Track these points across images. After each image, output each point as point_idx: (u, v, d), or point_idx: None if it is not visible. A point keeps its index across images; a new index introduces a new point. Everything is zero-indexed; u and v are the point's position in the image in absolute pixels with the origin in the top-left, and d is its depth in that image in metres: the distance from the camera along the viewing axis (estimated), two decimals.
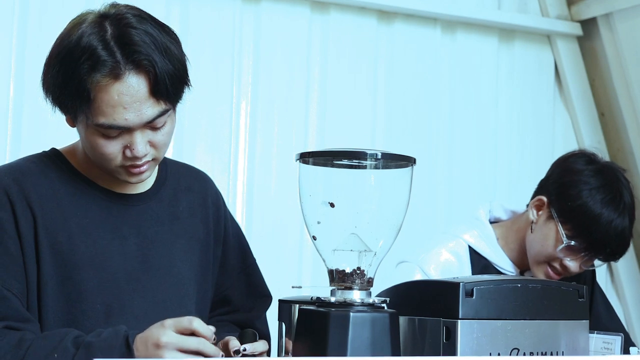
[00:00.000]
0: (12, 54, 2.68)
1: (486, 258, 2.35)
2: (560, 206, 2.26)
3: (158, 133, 1.69)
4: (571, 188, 2.24)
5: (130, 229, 1.77)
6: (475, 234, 2.37)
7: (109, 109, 1.62)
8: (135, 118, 1.64)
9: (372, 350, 1.50)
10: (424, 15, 3.25)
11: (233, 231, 1.96)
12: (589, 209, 2.20)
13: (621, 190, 2.24)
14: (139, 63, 1.62)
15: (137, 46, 1.62)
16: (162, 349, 1.50)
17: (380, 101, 3.19)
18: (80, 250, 1.70)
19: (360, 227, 1.59)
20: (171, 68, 1.65)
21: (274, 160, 3.02)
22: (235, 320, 1.94)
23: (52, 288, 1.69)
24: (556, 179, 2.31)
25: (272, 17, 3.03)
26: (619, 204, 2.22)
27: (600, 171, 2.26)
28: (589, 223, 2.21)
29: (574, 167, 2.28)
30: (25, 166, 1.76)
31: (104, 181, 1.77)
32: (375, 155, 1.58)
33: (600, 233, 2.21)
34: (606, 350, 1.89)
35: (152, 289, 1.75)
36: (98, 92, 1.62)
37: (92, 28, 1.63)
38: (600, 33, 3.43)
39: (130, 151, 1.67)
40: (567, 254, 2.26)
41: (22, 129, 2.66)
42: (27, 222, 1.69)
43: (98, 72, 1.61)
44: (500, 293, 1.63)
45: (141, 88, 1.63)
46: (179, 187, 1.88)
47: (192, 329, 1.52)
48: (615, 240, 2.23)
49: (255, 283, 1.98)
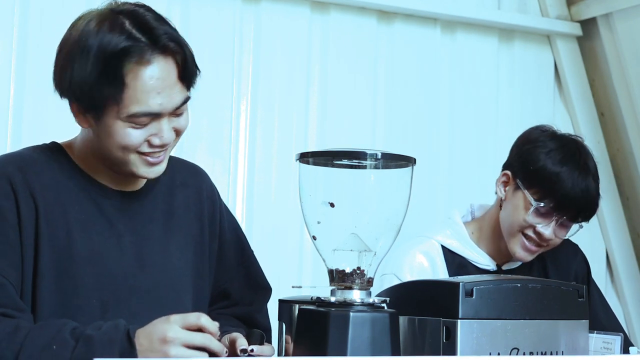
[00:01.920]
0: (12, 53, 2.68)
1: (461, 255, 2.37)
2: (524, 174, 2.32)
3: (181, 118, 1.72)
4: (530, 154, 2.31)
5: (126, 226, 1.77)
6: (448, 234, 2.40)
7: (143, 95, 1.63)
8: (168, 103, 1.66)
9: (372, 350, 1.51)
10: (423, 15, 3.25)
11: (229, 225, 1.96)
12: (549, 168, 2.27)
13: (580, 151, 2.30)
14: (166, 47, 1.65)
15: (159, 30, 1.65)
16: (168, 344, 1.49)
17: (380, 101, 3.19)
18: (77, 245, 1.70)
19: (360, 227, 1.59)
20: (191, 54, 1.69)
21: (274, 160, 3.02)
22: (235, 314, 1.93)
23: (49, 281, 1.68)
24: (516, 152, 2.39)
25: (272, 17, 3.03)
26: (577, 162, 2.27)
27: (556, 136, 2.34)
28: (552, 182, 2.26)
29: (530, 137, 2.37)
30: (28, 155, 1.76)
31: (101, 177, 1.77)
32: (375, 155, 1.58)
33: (564, 190, 2.25)
34: (606, 350, 1.89)
35: (147, 286, 1.75)
36: (132, 78, 1.62)
37: (109, 22, 1.64)
38: (600, 33, 3.43)
39: (159, 138, 1.68)
40: (538, 218, 2.29)
41: (22, 126, 2.66)
42: (29, 212, 1.69)
43: (131, 58, 1.62)
44: (500, 293, 1.63)
45: (171, 72, 1.66)
46: (173, 182, 1.88)
47: (199, 325, 1.52)
48: (581, 197, 2.26)
49: (254, 276, 1.98)
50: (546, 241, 2.32)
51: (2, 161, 1.75)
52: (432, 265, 2.34)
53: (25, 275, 1.67)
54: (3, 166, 1.72)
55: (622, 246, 3.49)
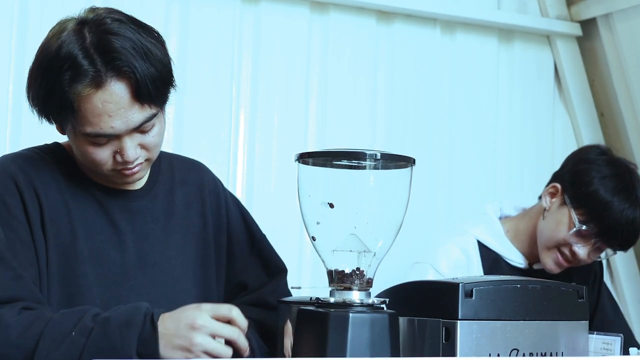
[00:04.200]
0: (11, 53, 2.68)
1: (495, 251, 2.39)
2: (574, 192, 2.32)
3: (147, 135, 1.69)
4: (584, 175, 2.31)
5: (127, 225, 1.77)
6: (483, 229, 2.43)
7: (94, 118, 1.62)
8: (122, 125, 1.63)
9: (372, 350, 1.50)
10: (423, 15, 3.25)
11: (236, 215, 1.95)
12: (601, 195, 2.27)
13: (633, 182, 2.31)
14: (119, 70, 1.61)
15: (116, 53, 1.61)
16: (195, 331, 1.48)
17: (380, 101, 3.19)
18: (80, 243, 1.71)
19: (359, 227, 1.59)
20: (153, 71, 1.64)
21: (273, 160, 3.01)
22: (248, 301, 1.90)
23: (55, 279, 1.68)
24: (570, 168, 2.39)
25: (271, 17, 3.03)
26: (630, 193, 2.28)
27: (613, 162, 2.34)
28: (600, 209, 2.27)
29: (587, 157, 2.36)
30: (30, 156, 1.77)
31: (101, 178, 1.77)
32: (375, 155, 1.58)
33: (611, 219, 2.26)
34: (606, 350, 1.89)
35: (147, 286, 1.76)
36: (82, 102, 1.61)
37: (72, 36, 1.63)
38: (599, 33, 3.43)
39: (121, 156, 1.67)
40: (578, 239, 2.31)
41: (21, 128, 2.66)
42: (35, 209, 1.69)
43: (79, 83, 1.60)
44: (500, 294, 1.63)
45: (124, 95, 1.62)
46: (173, 181, 1.88)
47: (230, 317, 1.51)
48: (626, 229, 2.28)
49: (267, 260, 1.96)
50: (578, 260, 2.35)
51: (5, 161, 1.76)
52: (467, 259, 2.39)
53: (40, 272, 1.67)
54: (6, 165, 1.73)
55: None
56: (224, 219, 1.91)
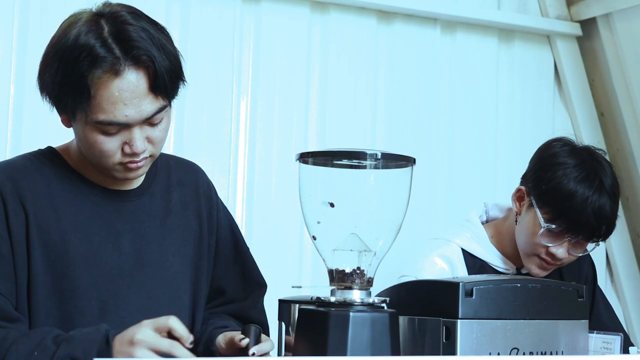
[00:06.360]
0: (12, 53, 2.68)
1: (480, 258, 2.33)
2: (538, 191, 2.23)
3: (156, 129, 1.70)
4: (546, 171, 2.21)
5: (124, 225, 1.77)
6: (467, 237, 2.35)
7: (109, 105, 1.63)
8: (135, 114, 1.64)
9: (372, 350, 1.51)
10: (423, 15, 3.25)
11: (225, 221, 1.96)
12: (563, 187, 2.17)
13: (595, 169, 2.20)
14: (138, 59, 1.63)
15: (135, 42, 1.63)
16: (134, 346, 1.50)
17: (380, 101, 3.19)
18: (74, 247, 1.71)
19: (360, 227, 1.60)
20: (168, 64, 1.66)
21: (274, 160, 3.02)
22: (229, 311, 1.93)
23: (44, 286, 1.69)
24: (532, 167, 2.30)
25: (272, 17, 3.03)
26: (593, 180, 2.17)
27: (575, 152, 2.23)
28: (563, 202, 2.17)
29: (549, 151, 2.26)
30: (21, 163, 1.77)
31: (97, 178, 1.78)
32: (375, 155, 1.59)
33: (575, 211, 2.16)
34: (605, 350, 1.89)
35: (145, 285, 1.76)
36: (98, 88, 1.62)
37: (89, 26, 1.64)
38: (599, 33, 3.43)
39: (130, 147, 1.67)
40: (549, 239, 2.22)
41: (22, 128, 2.66)
42: (18, 220, 1.69)
43: (98, 69, 1.61)
44: (500, 293, 1.63)
45: (141, 84, 1.63)
46: (170, 181, 1.88)
47: (167, 326, 1.52)
48: (595, 217, 2.17)
49: (248, 272, 1.97)
50: (560, 260, 2.26)
51: None
52: (452, 269, 2.29)
53: (19, 284, 1.69)
54: None
55: (622, 246, 3.49)
56: (214, 222, 1.92)
